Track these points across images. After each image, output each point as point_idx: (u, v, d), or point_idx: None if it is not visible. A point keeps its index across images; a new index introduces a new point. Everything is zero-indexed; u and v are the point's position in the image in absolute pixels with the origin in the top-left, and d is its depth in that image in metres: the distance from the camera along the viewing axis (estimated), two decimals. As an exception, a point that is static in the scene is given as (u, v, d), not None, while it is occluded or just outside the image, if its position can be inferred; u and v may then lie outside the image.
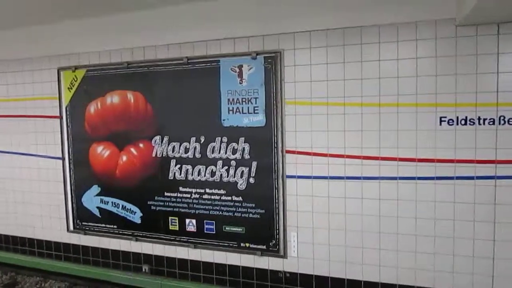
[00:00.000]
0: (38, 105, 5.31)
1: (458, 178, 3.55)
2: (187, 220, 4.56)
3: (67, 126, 5.13)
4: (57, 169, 5.28)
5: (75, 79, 5.00)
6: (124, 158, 4.80)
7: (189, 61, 4.36)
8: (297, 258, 4.16)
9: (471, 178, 3.52)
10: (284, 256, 4.19)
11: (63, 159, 5.21)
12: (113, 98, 4.78)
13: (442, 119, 3.54)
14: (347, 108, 3.81)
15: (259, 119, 4.11)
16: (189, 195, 4.51)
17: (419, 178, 3.66)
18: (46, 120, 5.27)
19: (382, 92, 3.69)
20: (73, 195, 5.20)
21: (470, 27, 3.41)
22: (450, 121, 3.52)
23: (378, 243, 3.84)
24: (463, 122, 3.49)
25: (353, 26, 3.74)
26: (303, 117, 3.98)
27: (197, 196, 4.48)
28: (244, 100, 4.15)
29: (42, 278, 5.61)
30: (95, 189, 5.04)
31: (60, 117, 5.16)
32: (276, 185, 4.12)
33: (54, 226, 5.42)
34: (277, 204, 4.15)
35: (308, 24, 3.90)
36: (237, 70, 4.16)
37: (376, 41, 3.68)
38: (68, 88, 5.06)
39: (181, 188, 4.53)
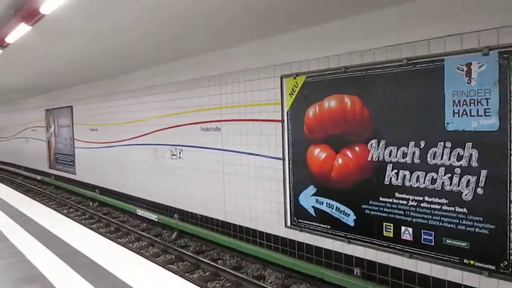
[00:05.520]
0: (264, 110, 5.91)
1: None
2: (403, 228, 4.37)
3: (288, 129, 5.55)
4: (278, 168, 5.76)
5: (296, 86, 5.37)
6: (340, 160, 4.91)
7: (409, 62, 4.19)
8: (537, 287, 3.54)
9: None
10: (520, 281, 3.62)
11: (283, 159, 5.66)
12: (330, 103, 4.95)
13: None
14: None
15: (491, 123, 3.66)
16: (405, 202, 4.32)
17: None
18: (270, 123, 5.82)
19: None
20: (291, 193, 5.60)
21: None
22: None
23: None
24: None
25: None
26: (550, 120, 3.37)
27: (414, 203, 4.25)
28: (472, 101, 3.76)
29: (261, 266, 6.21)
30: (311, 189, 5.30)
31: (282, 121, 5.62)
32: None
33: (274, 221, 5.93)
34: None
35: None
36: (465, 68, 3.80)
37: None
38: (290, 94, 5.47)
39: (397, 194, 4.38)
